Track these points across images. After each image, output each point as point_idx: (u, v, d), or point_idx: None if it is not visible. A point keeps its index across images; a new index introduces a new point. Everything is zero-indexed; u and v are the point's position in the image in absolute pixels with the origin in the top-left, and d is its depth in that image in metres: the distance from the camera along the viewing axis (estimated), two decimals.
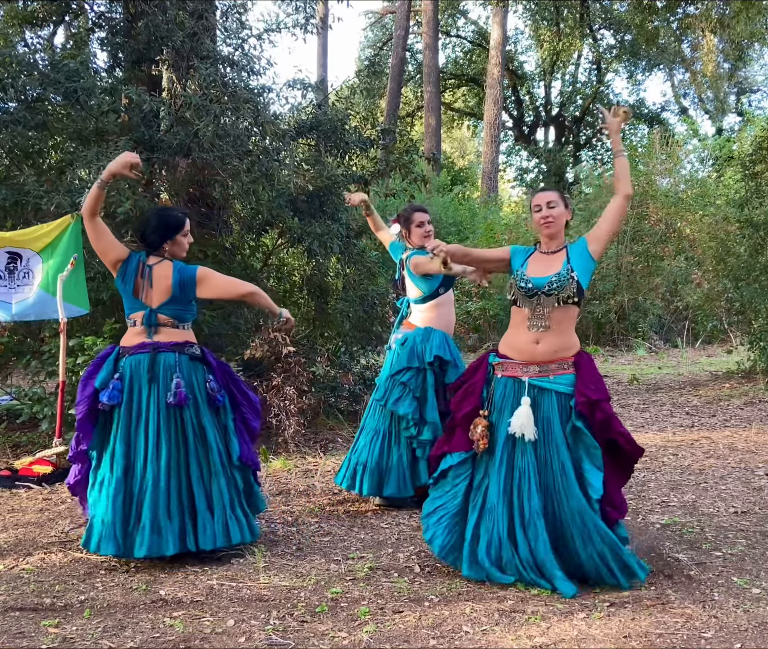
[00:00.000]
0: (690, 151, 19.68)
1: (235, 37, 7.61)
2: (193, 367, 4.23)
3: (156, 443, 4.12)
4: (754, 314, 9.98)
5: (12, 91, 6.33)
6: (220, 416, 4.30)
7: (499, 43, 21.48)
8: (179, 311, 4.25)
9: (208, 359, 4.31)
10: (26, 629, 3.39)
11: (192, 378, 4.20)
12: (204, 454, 4.18)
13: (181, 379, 4.14)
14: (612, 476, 3.81)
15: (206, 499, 4.16)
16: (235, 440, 4.29)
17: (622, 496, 3.92)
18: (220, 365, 4.40)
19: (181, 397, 4.11)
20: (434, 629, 3.35)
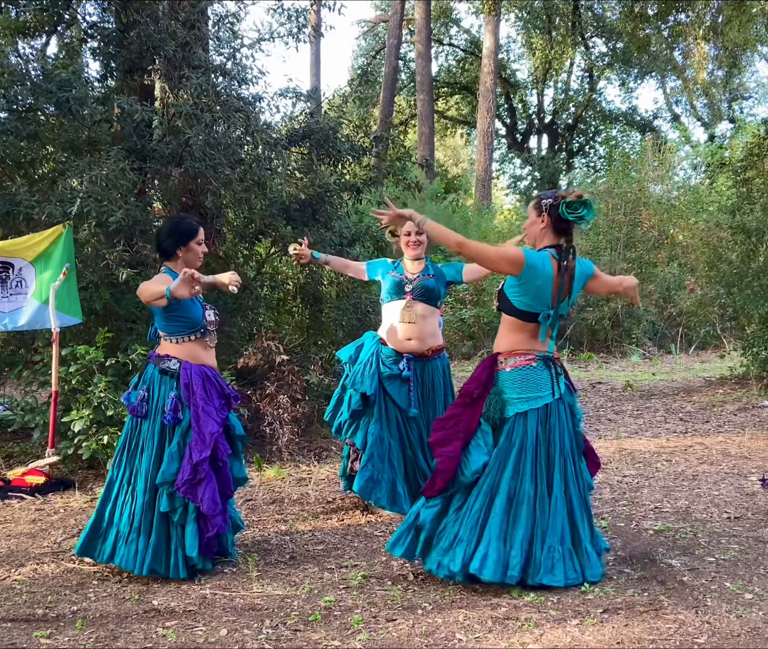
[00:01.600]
0: (682, 158, 19.77)
1: (228, 46, 7.62)
2: (161, 381, 4.17)
3: (120, 449, 4.25)
4: (747, 320, 10.01)
5: (4, 101, 6.32)
6: (171, 435, 4.13)
7: (491, 52, 21.55)
8: (162, 324, 4.22)
9: (180, 376, 4.16)
10: (18, 640, 3.38)
11: (157, 392, 4.16)
12: (143, 470, 4.13)
13: (143, 391, 4.14)
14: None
15: (129, 516, 4.12)
16: (169, 462, 4.05)
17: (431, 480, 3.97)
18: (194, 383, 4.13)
19: (132, 408, 4.14)
20: (427, 637, 3.35)
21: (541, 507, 3.86)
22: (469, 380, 4.00)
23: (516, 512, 3.83)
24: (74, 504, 5.51)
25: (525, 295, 3.89)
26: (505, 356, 3.96)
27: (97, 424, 5.91)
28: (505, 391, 3.91)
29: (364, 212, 9.60)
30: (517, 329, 3.96)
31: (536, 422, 3.90)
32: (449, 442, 3.89)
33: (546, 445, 3.91)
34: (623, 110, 30.79)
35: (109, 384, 5.92)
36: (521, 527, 3.81)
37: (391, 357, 5.11)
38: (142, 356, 6.03)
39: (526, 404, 3.90)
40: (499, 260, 3.90)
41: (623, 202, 14.89)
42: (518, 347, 3.95)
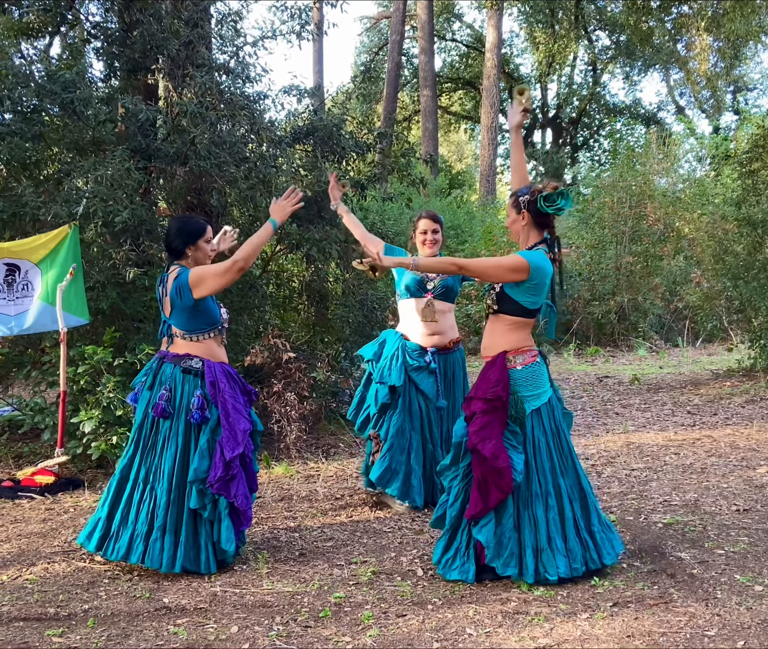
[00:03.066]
0: (687, 150, 19.68)
1: (231, 44, 7.62)
2: (184, 380, 4.18)
3: (134, 448, 4.23)
4: (754, 312, 9.97)
5: (8, 102, 6.33)
6: (197, 433, 4.16)
7: (494, 46, 21.51)
8: (184, 321, 4.20)
9: (205, 374, 4.20)
10: (30, 639, 3.40)
11: (179, 391, 4.17)
12: (165, 469, 4.15)
13: (166, 391, 4.15)
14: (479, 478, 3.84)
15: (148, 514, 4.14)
16: (200, 460, 4.09)
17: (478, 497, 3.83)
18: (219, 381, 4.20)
19: (158, 408, 4.14)
20: (437, 632, 3.35)
21: (574, 495, 3.93)
22: (484, 382, 3.90)
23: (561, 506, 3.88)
24: (84, 503, 5.53)
25: (536, 294, 3.90)
26: (513, 354, 3.93)
27: (105, 424, 5.93)
28: (520, 390, 3.89)
29: (369, 209, 9.60)
30: (521, 327, 3.95)
31: (549, 416, 3.95)
32: (500, 452, 3.78)
33: (558, 436, 3.98)
34: (627, 103, 30.73)
35: (117, 384, 5.94)
36: (570, 520, 3.88)
37: (417, 350, 5.19)
38: (150, 356, 6.04)
39: (538, 400, 3.92)
40: (504, 272, 3.87)
41: (628, 196, 14.84)
42: (523, 345, 3.95)
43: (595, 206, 15.71)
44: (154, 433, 4.20)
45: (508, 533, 3.81)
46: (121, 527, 4.13)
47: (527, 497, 3.86)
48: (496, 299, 3.94)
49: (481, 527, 3.83)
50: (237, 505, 4.12)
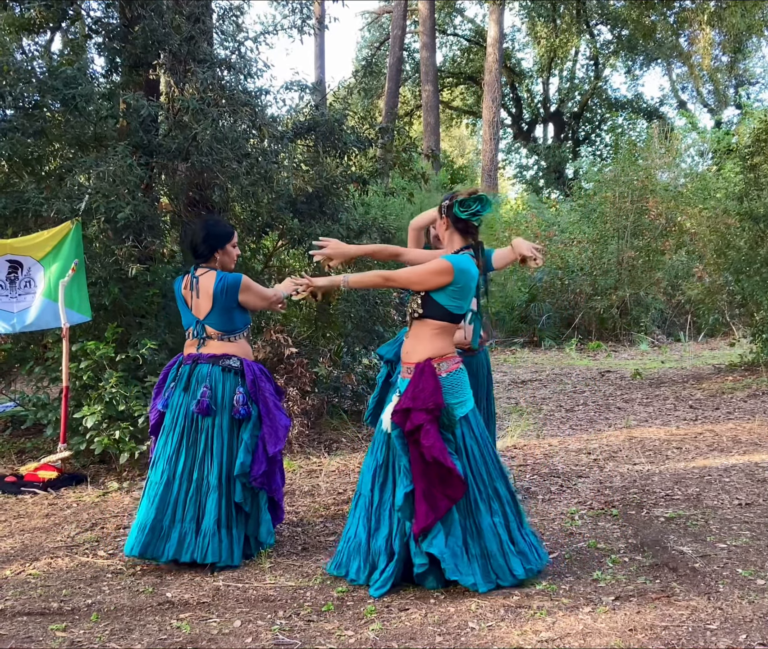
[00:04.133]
0: (689, 144, 19.65)
1: (232, 39, 7.61)
2: (224, 378, 4.29)
3: (177, 449, 4.26)
4: (756, 307, 9.97)
5: (10, 98, 6.33)
6: (240, 429, 4.28)
7: (496, 41, 21.47)
8: (224, 322, 4.31)
9: (244, 372, 4.33)
10: (34, 634, 3.41)
11: (220, 389, 4.27)
12: (209, 466, 4.23)
13: (207, 389, 4.24)
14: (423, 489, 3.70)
15: (196, 510, 4.19)
16: (245, 455, 4.20)
17: (427, 509, 3.68)
18: (259, 379, 4.36)
19: (203, 406, 4.22)
20: (440, 626, 3.36)
21: (509, 499, 3.88)
22: (420, 392, 3.75)
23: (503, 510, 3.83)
24: (87, 499, 5.54)
25: (461, 299, 3.83)
26: (438, 361, 3.83)
27: (108, 419, 5.94)
28: (446, 397, 3.79)
29: (371, 204, 9.60)
30: (444, 332, 3.87)
31: (475, 423, 3.89)
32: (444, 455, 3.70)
33: (486, 441, 3.92)
34: (629, 98, 30.68)
35: (119, 379, 5.95)
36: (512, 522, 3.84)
37: None
38: (152, 351, 6.05)
39: (465, 407, 3.86)
40: (428, 276, 3.81)
41: (630, 190, 14.83)
42: (446, 351, 3.87)
43: (597, 201, 15.70)
44: (194, 431, 4.27)
45: (460, 542, 3.73)
46: (171, 527, 4.16)
47: (466, 505, 3.76)
48: (421, 303, 3.85)
49: (431, 539, 3.68)
50: (276, 498, 4.36)
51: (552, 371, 11.28)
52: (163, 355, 6.18)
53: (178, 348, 6.42)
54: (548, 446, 6.78)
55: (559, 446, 6.78)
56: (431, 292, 3.82)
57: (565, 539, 4.41)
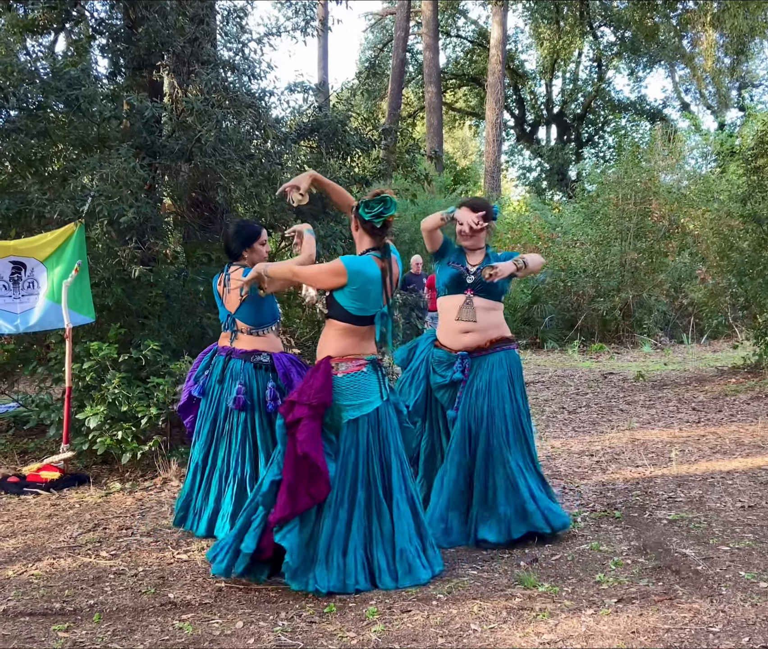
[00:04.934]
0: (692, 146, 19.65)
1: (236, 41, 7.62)
2: (257, 375, 4.58)
3: (211, 438, 4.61)
4: (759, 309, 9.96)
5: (14, 99, 6.33)
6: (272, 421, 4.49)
7: (499, 42, 21.49)
8: (253, 315, 4.58)
9: (276, 367, 4.61)
10: (36, 634, 3.41)
11: (255, 386, 4.56)
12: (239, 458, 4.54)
13: (242, 386, 4.53)
14: (290, 481, 3.71)
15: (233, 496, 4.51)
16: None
17: (286, 501, 3.69)
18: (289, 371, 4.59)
19: (239, 403, 4.52)
20: (442, 628, 3.36)
21: (379, 511, 3.81)
22: (308, 387, 3.80)
23: (350, 519, 3.78)
24: (89, 499, 5.55)
25: (360, 300, 3.82)
26: (336, 361, 3.85)
27: (111, 419, 5.94)
28: (338, 398, 3.80)
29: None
30: (349, 334, 3.87)
31: (367, 428, 3.83)
32: (316, 452, 3.71)
33: (379, 449, 3.86)
34: (632, 99, 30.70)
35: (122, 380, 5.95)
36: (355, 534, 3.77)
37: (444, 362, 4.57)
38: (155, 351, 6.05)
39: (358, 410, 3.82)
40: (325, 276, 3.85)
41: (633, 192, 14.83)
42: (349, 352, 3.86)
43: (600, 203, 15.71)
44: (229, 422, 4.58)
45: (309, 542, 3.76)
46: (204, 506, 4.54)
47: (322, 506, 3.77)
48: (327, 303, 3.90)
49: (285, 533, 3.70)
50: None
51: (555, 372, 11.28)
52: (166, 355, 6.18)
53: (181, 349, 6.45)
54: (551, 447, 6.77)
55: (561, 447, 6.77)
56: (334, 293, 3.86)
57: (568, 541, 4.41)
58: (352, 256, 3.92)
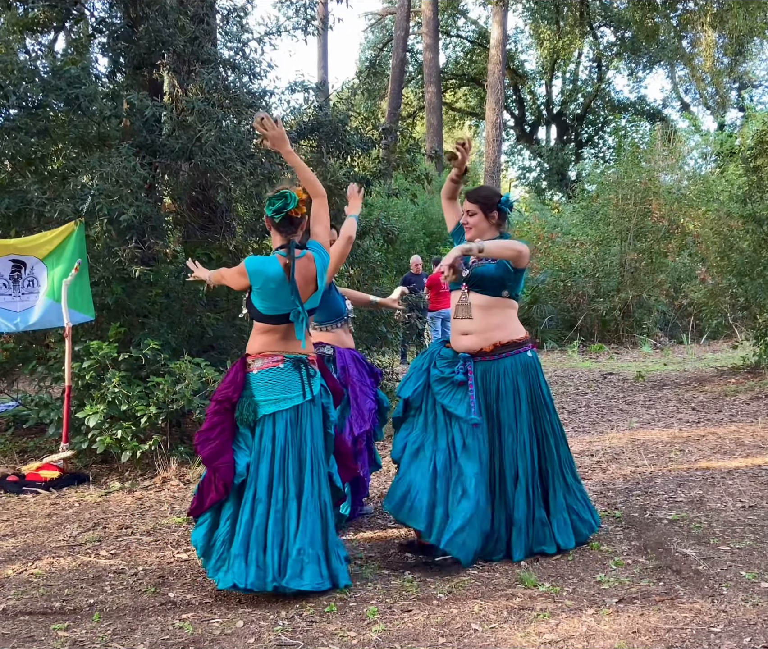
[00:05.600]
0: (692, 147, 19.65)
1: (236, 40, 7.62)
2: None
3: None
4: (759, 309, 9.96)
5: (14, 98, 6.34)
6: None
7: (499, 43, 21.48)
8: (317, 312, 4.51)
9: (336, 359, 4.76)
10: (36, 633, 3.40)
11: None
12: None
13: None
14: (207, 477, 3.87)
15: None
16: None
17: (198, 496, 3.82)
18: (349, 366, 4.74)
19: None
20: (443, 628, 3.35)
21: (288, 510, 3.77)
22: (223, 383, 3.93)
23: (268, 515, 3.76)
24: (89, 498, 5.54)
25: (265, 299, 3.83)
26: (253, 358, 3.90)
27: (110, 418, 5.93)
28: (254, 393, 3.84)
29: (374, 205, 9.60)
30: (265, 332, 3.90)
31: (285, 424, 3.82)
32: (223, 453, 3.77)
33: (297, 447, 3.84)
34: (632, 100, 30.71)
35: (122, 379, 5.94)
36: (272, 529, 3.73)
37: (447, 359, 4.29)
38: (155, 351, 6.05)
39: (274, 405, 3.82)
40: (234, 278, 3.95)
41: (633, 192, 14.83)
42: (266, 349, 3.88)
43: (600, 203, 15.71)
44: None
45: (223, 537, 3.75)
46: None
47: (241, 502, 3.79)
48: (246, 304, 3.96)
49: (197, 526, 3.82)
50: (362, 475, 4.69)
51: (554, 372, 11.27)
52: (166, 355, 6.17)
53: (181, 348, 6.44)
54: None
55: None
56: (250, 294, 3.90)
57: None
58: (254, 257, 3.98)
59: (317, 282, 3.90)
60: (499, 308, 4.26)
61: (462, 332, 4.27)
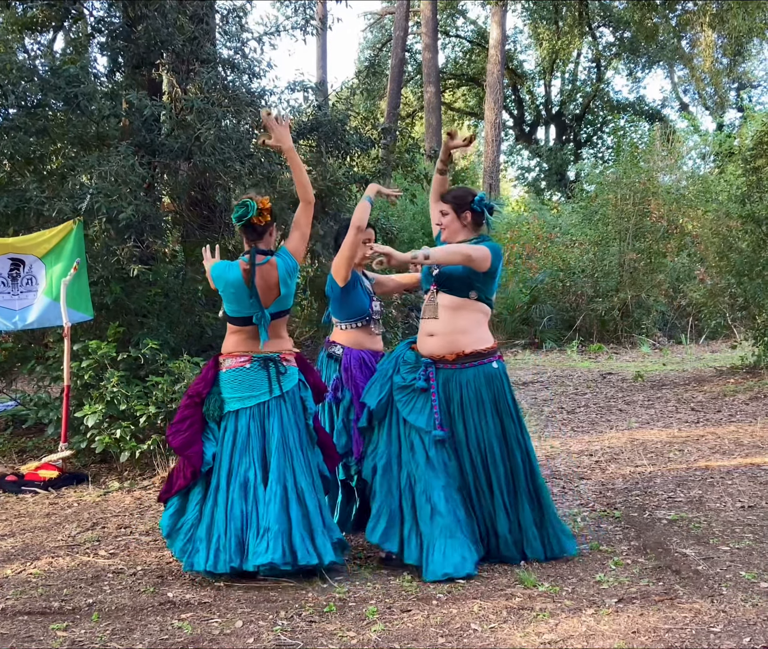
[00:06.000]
0: (691, 147, 19.64)
1: (235, 40, 7.61)
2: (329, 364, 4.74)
3: None
4: (758, 309, 9.95)
5: (12, 97, 6.33)
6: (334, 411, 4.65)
7: (498, 43, 21.46)
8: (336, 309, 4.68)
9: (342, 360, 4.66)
10: (35, 633, 3.40)
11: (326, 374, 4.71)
12: None
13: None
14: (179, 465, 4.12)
15: None
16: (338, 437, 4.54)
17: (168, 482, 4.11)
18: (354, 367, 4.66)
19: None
20: (442, 628, 3.35)
21: (253, 496, 3.93)
22: (196, 380, 4.20)
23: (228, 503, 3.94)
24: (87, 498, 5.54)
25: (229, 302, 4.10)
26: (224, 357, 4.13)
27: (109, 418, 5.93)
28: (222, 390, 4.08)
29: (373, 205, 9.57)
30: (235, 333, 4.13)
31: (248, 419, 4.03)
32: (193, 443, 4.01)
33: (261, 439, 4.01)
34: (631, 100, 30.68)
35: (121, 379, 5.93)
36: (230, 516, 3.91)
37: (409, 365, 4.21)
38: (153, 350, 6.04)
39: (239, 402, 4.05)
40: (210, 281, 4.27)
41: (632, 193, 14.81)
42: (235, 349, 4.10)
43: (599, 203, 15.69)
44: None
45: (191, 522, 3.99)
46: None
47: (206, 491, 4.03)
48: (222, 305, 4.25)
49: (165, 510, 4.09)
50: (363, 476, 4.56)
51: (553, 372, 11.27)
52: (165, 354, 6.17)
53: (180, 347, 6.44)
54: (550, 447, 6.76)
55: (560, 447, 6.77)
56: None
57: None
58: (220, 262, 4.24)
59: (280, 287, 4.06)
60: (467, 311, 4.13)
61: (428, 333, 4.18)
